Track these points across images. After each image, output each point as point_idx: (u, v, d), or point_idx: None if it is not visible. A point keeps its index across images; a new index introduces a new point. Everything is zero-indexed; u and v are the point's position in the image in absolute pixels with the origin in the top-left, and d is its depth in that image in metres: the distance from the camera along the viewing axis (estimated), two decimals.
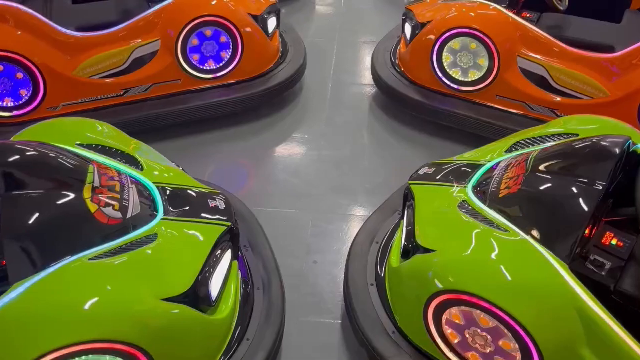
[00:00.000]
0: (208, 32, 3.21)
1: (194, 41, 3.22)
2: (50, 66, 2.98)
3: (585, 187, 1.81)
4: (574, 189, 1.82)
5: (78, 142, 2.12)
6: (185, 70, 3.27)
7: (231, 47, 3.29)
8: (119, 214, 1.80)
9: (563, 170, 1.92)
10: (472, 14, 3.21)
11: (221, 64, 3.32)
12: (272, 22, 3.46)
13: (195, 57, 3.26)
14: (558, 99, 3.11)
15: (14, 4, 2.95)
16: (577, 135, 2.21)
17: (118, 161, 2.11)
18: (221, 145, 3.37)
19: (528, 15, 3.37)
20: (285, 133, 3.50)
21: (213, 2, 3.23)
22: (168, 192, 2.03)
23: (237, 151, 3.36)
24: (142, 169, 2.12)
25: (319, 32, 4.53)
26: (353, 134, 3.50)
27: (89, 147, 2.12)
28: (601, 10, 3.41)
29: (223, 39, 3.26)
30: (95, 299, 1.60)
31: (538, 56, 3.14)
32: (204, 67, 3.31)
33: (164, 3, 3.20)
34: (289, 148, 3.42)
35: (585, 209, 1.78)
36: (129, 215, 1.82)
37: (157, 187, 2.03)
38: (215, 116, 3.40)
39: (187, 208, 2.00)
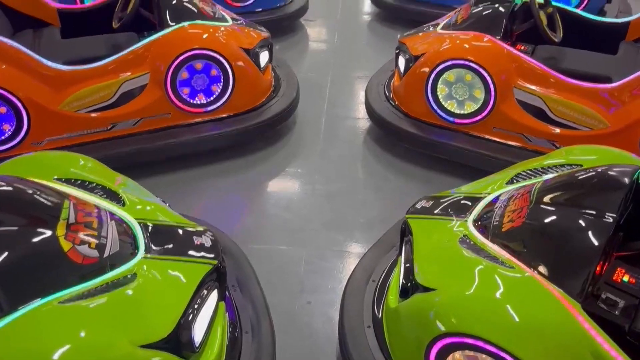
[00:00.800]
0: (198, 65, 3.16)
1: (184, 74, 3.16)
2: (35, 100, 2.91)
3: (595, 220, 1.71)
4: (583, 222, 1.72)
5: (56, 177, 2.01)
6: (175, 104, 3.20)
7: (222, 80, 3.23)
8: (95, 253, 1.68)
9: (570, 201, 1.82)
10: (467, 46, 3.17)
11: (212, 98, 3.26)
12: (264, 56, 3.43)
13: (185, 91, 3.20)
14: (557, 130, 3.05)
15: (0, 38, 2.90)
16: (581, 166, 2.12)
17: (99, 196, 2.00)
18: (213, 180, 3.27)
19: (523, 47, 3.33)
20: (279, 167, 3.42)
21: (204, 36, 3.19)
22: (150, 228, 1.91)
23: (229, 186, 3.26)
24: (123, 205, 2.01)
25: (313, 68, 4.53)
26: (348, 168, 3.43)
27: (67, 181, 2.01)
28: (596, 42, 3.39)
29: (214, 72, 3.20)
30: (67, 346, 1.48)
31: (535, 87, 3.09)
32: (194, 102, 3.24)
33: (154, 36, 3.15)
34: (283, 182, 3.33)
35: (596, 243, 1.67)
36: (106, 253, 1.70)
37: (139, 223, 1.92)
38: (206, 150, 3.32)
39: (170, 246, 1.88)
